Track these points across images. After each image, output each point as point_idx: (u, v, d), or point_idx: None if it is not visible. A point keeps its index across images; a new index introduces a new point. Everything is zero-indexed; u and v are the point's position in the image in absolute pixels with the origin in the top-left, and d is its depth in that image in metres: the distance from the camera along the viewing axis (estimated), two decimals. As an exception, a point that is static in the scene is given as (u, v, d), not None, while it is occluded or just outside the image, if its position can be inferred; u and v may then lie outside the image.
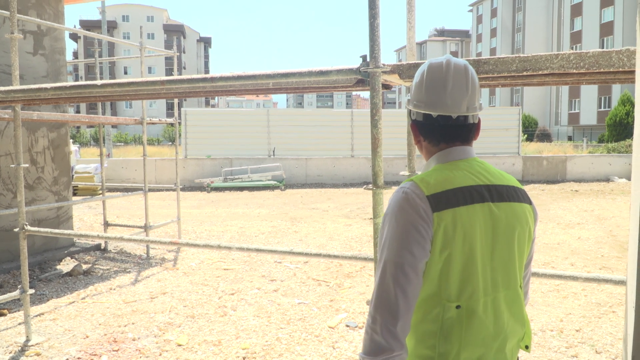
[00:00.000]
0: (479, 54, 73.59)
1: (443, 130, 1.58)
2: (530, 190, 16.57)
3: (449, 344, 1.45)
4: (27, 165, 4.54)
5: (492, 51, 69.96)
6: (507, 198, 1.54)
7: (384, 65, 2.39)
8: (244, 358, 4.20)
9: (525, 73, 2.15)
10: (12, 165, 4.40)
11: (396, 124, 15.57)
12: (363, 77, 2.41)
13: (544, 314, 5.13)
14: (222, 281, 6.42)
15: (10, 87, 3.62)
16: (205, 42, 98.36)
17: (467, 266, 1.46)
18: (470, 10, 77.68)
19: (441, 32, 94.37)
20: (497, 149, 19.88)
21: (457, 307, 1.46)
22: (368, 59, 2.39)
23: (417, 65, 2.35)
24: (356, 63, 2.46)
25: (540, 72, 2.12)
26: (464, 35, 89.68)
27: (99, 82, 3.07)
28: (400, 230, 1.43)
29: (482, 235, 1.48)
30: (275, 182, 17.82)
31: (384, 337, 1.38)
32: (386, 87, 2.82)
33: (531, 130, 47.49)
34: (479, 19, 74.54)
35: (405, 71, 2.39)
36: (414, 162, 3.08)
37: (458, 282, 1.46)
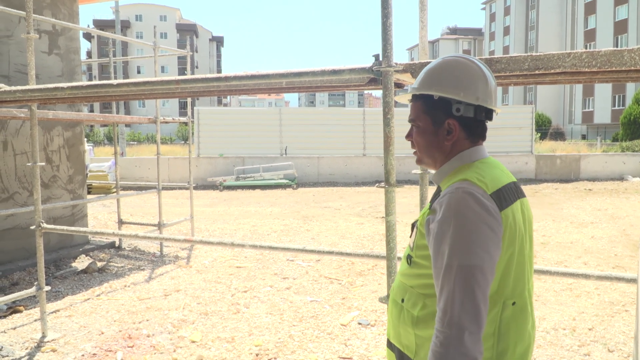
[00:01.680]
0: (491, 53, 73.15)
1: (483, 127, 1.59)
2: (544, 189, 16.46)
3: (505, 342, 1.47)
4: (43, 163, 4.61)
5: (505, 49, 69.48)
6: (524, 194, 1.62)
7: (396, 64, 2.41)
8: (257, 355, 4.24)
9: (537, 72, 2.16)
10: (29, 164, 4.47)
11: (407, 123, 15.50)
12: (376, 76, 2.42)
13: (557, 313, 5.11)
14: (235, 279, 6.47)
15: (28, 87, 3.68)
16: (218, 41, 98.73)
17: (520, 262, 1.49)
18: (483, 8, 77.19)
19: (454, 31, 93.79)
20: (510, 147, 19.73)
21: (513, 304, 1.48)
22: (380, 58, 2.40)
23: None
24: (368, 62, 2.48)
25: (552, 71, 2.12)
26: (476, 33, 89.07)
27: (114, 81, 3.11)
28: (474, 232, 1.37)
29: (524, 230, 1.52)
30: (287, 181, 17.87)
31: (469, 348, 1.31)
32: (398, 86, 2.83)
33: (544, 129, 47.10)
34: (492, 17, 74.04)
35: (417, 70, 2.41)
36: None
37: (514, 279, 1.48)
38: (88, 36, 72.09)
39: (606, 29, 49.56)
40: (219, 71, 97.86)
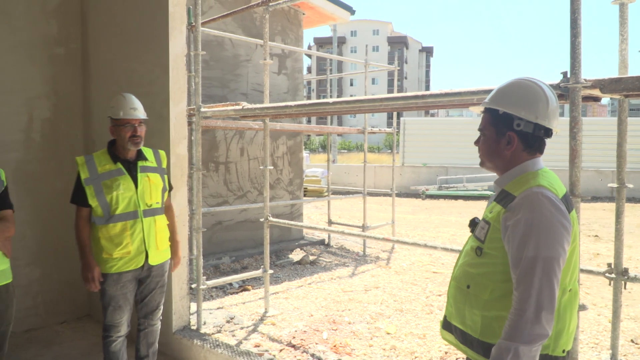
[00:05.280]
0: None
1: (541, 142, 1.86)
2: None
3: (562, 322, 1.74)
4: (272, 167, 5.51)
5: None
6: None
7: (585, 80, 2.51)
8: (445, 352, 4.50)
9: None
10: (261, 167, 5.40)
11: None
12: (562, 92, 2.55)
13: None
14: (431, 283, 6.77)
15: (264, 105, 4.53)
16: (427, 52, 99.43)
17: (577, 255, 1.80)
18: None
19: None
20: None
21: (570, 290, 1.76)
22: (569, 75, 2.53)
23: (618, 80, 2.43)
24: (556, 77, 2.62)
25: None
26: None
27: (330, 100, 3.71)
28: (553, 230, 1.63)
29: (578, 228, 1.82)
30: (491, 193, 17.37)
31: (544, 325, 1.58)
32: (595, 99, 2.89)
33: None
34: None
35: (606, 86, 2.47)
36: (623, 174, 3.05)
37: (571, 270, 1.76)
38: (308, 54, 78.68)
39: None
40: (427, 81, 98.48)
